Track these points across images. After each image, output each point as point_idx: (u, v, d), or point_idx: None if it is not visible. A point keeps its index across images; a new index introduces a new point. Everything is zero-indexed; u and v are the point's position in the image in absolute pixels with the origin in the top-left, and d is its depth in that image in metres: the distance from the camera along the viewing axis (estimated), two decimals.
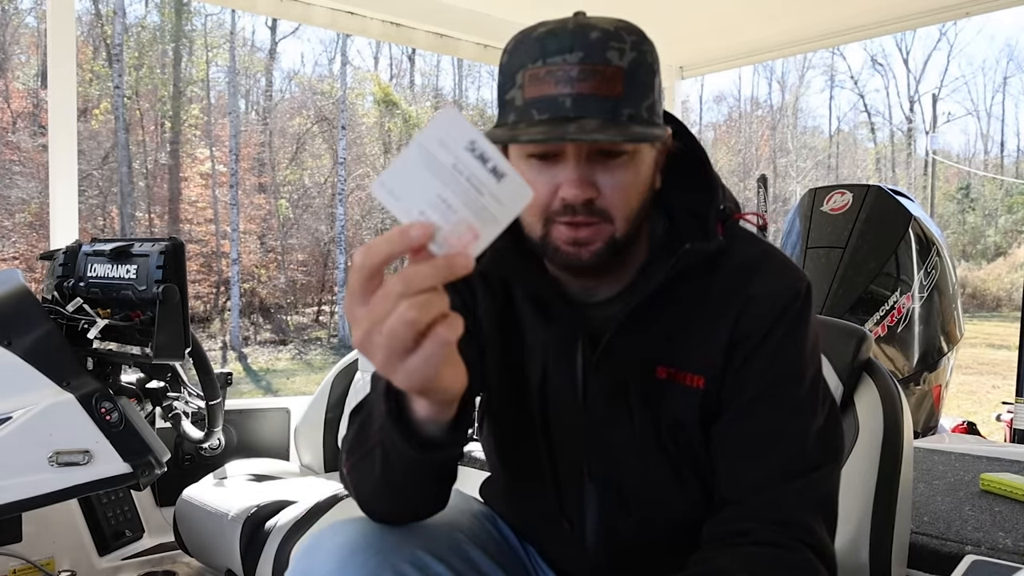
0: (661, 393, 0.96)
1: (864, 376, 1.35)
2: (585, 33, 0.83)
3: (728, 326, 0.93)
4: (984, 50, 43.21)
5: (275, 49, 21.46)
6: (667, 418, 0.96)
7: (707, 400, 0.94)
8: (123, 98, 16.89)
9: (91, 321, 1.86)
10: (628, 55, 0.83)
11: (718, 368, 0.94)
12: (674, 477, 0.98)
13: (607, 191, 0.87)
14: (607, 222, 0.88)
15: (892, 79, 38.28)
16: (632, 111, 0.83)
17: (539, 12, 1.01)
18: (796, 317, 0.93)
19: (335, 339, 17.33)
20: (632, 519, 1.01)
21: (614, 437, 0.98)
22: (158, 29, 19.06)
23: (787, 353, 0.93)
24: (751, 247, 0.98)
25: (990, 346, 14.32)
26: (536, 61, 0.84)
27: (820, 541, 0.90)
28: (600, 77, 0.82)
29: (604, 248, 0.89)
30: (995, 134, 32.58)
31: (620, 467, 0.99)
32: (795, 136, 28.77)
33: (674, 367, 0.95)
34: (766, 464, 0.91)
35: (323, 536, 0.90)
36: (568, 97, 0.82)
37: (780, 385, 0.93)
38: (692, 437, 0.96)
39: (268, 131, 19.80)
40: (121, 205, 16.82)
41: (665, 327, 0.95)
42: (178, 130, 18.48)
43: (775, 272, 0.95)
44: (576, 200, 0.86)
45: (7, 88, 16.58)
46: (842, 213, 3.11)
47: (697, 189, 0.98)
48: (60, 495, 1.66)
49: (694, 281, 0.94)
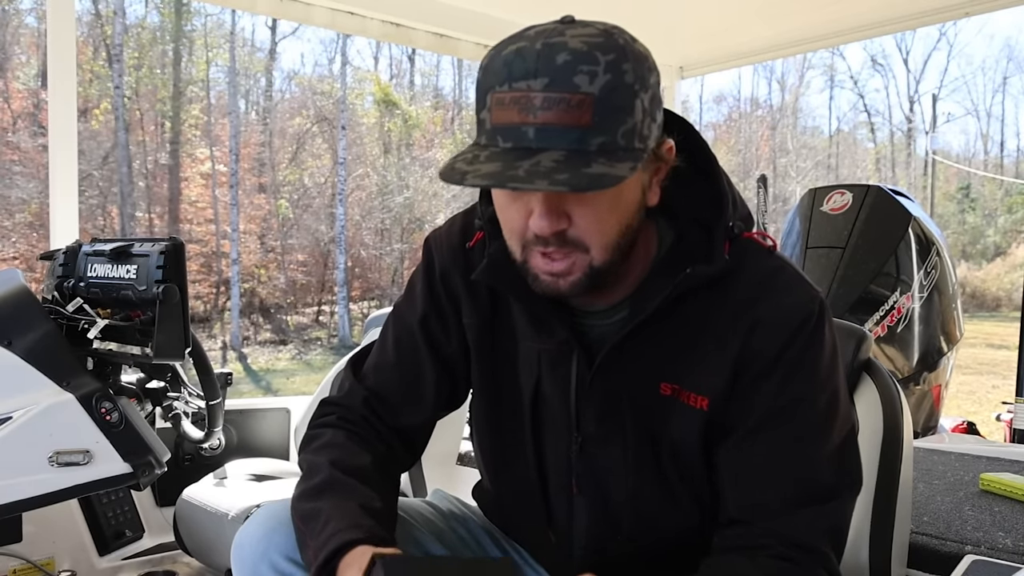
0: (662, 411, 0.93)
1: (864, 376, 1.34)
2: (552, 56, 0.76)
3: (735, 347, 0.90)
4: (984, 50, 43.13)
5: (275, 49, 21.45)
6: (666, 437, 0.93)
7: (710, 421, 0.92)
8: (123, 98, 16.89)
9: (91, 321, 1.86)
10: (600, 79, 0.76)
11: (723, 389, 0.91)
12: (668, 497, 0.96)
13: (580, 221, 0.83)
14: (582, 252, 0.84)
15: (892, 79, 38.26)
16: (604, 139, 0.77)
17: (539, 12, 1.00)
18: (809, 338, 0.89)
19: (335, 339, 17.32)
20: (621, 536, 0.99)
21: (605, 455, 0.96)
22: (158, 29, 19.05)
23: (798, 375, 0.90)
24: (762, 263, 0.93)
25: (990, 346, 14.31)
26: (503, 84, 0.78)
27: (833, 568, 0.89)
28: (565, 106, 0.75)
29: (582, 278, 0.86)
30: (995, 134, 32.58)
31: (610, 485, 0.97)
32: (795, 136, 28.76)
33: (678, 384, 0.92)
34: (777, 489, 0.89)
35: (260, 510, 0.97)
36: (531, 127, 0.77)
37: (791, 408, 0.90)
38: (692, 458, 0.94)
39: (268, 131, 19.79)
40: (121, 205, 16.82)
41: (668, 344, 0.92)
42: (178, 130, 18.48)
43: (786, 290, 0.91)
44: (544, 233, 0.83)
45: (7, 88, 16.58)
46: (842, 213, 3.11)
47: (705, 192, 0.93)
48: (60, 495, 1.66)
49: (700, 298, 0.91)
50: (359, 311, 18.38)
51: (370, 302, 18.73)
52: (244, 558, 0.94)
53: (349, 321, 17.66)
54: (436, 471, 2.18)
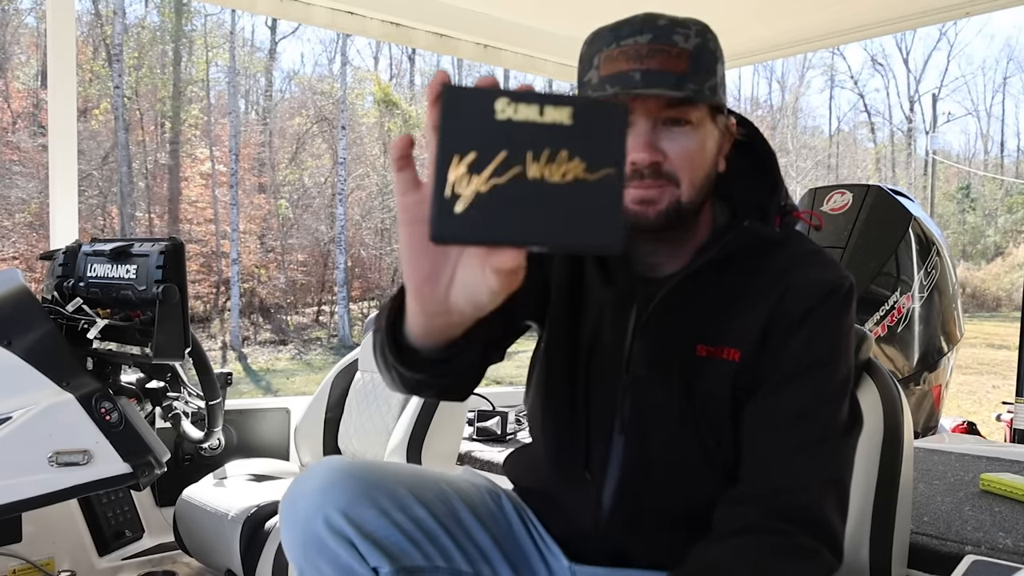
0: (699, 369, 0.99)
1: (864, 376, 1.35)
2: (654, 20, 0.93)
3: (768, 306, 0.97)
4: (984, 50, 43.22)
5: (275, 49, 21.47)
6: (701, 391, 0.99)
7: (741, 374, 0.97)
8: (123, 98, 16.90)
9: (91, 321, 1.86)
10: (693, 40, 0.92)
11: (755, 343, 0.97)
12: (700, 451, 1.00)
13: (673, 155, 0.94)
14: (673, 184, 0.95)
15: (892, 79, 38.33)
16: (696, 87, 0.91)
17: (539, 12, 1.03)
18: (836, 307, 0.97)
19: (335, 339, 17.32)
20: (653, 482, 1.02)
21: (649, 398, 1.02)
22: (158, 29, 19.06)
23: (821, 339, 0.96)
24: (805, 244, 1.03)
25: (990, 346, 14.33)
26: (611, 44, 0.93)
27: (822, 520, 0.91)
28: (666, 55, 0.91)
29: (669, 209, 0.95)
30: (995, 134, 32.59)
31: (649, 427, 1.02)
32: (795, 136, 28.77)
33: (714, 344, 0.99)
34: (781, 438, 0.94)
35: (312, 467, 0.97)
36: (638, 71, 0.91)
37: (813, 370, 0.96)
38: (721, 409, 0.98)
39: (268, 131, 19.80)
40: (121, 205, 16.82)
41: (711, 303, 1.00)
42: (178, 130, 18.48)
43: (822, 265, 1.00)
44: (643, 163, 0.93)
45: (7, 88, 16.58)
46: (842, 213, 3.11)
47: (760, 185, 1.05)
48: (60, 495, 1.66)
49: (746, 266, 1.00)
50: (359, 311, 18.39)
51: (370, 302, 18.74)
52: (297, 512, 0.93)
53: (349, 321, 17.67)
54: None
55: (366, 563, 0.91)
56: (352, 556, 0.91)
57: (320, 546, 0.91)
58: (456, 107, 0.59)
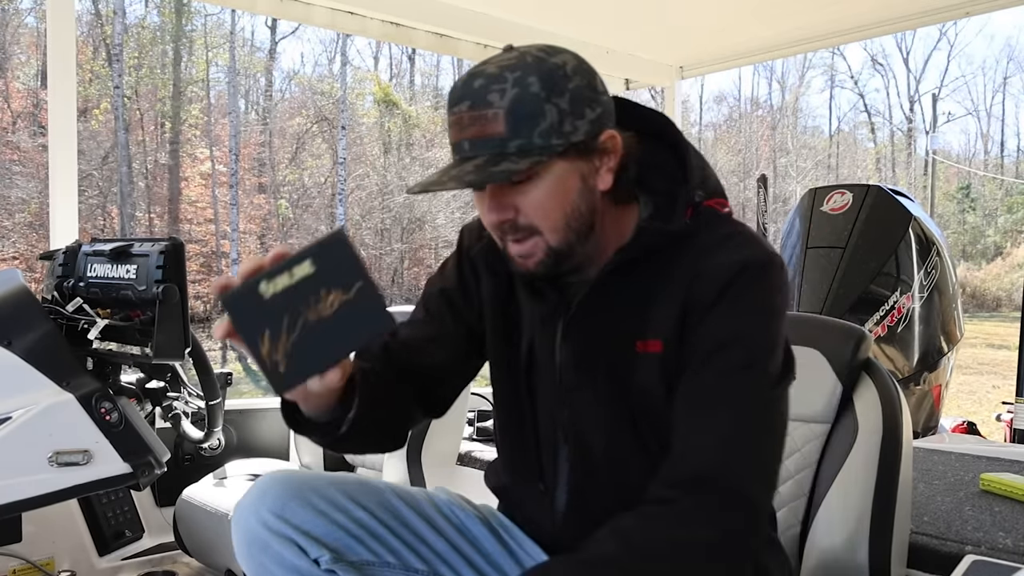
0: (632, 364, 1.01)
1: (864, 376, 1.35)
2: (472, 82, 0.93)
3: (682, 294, 0.99)
4: (984, 50, 43.24)
5: (275, 49, 21.48)
6: (635, 387, 1.01)
7: (666, 364, 0.99)
8: (123, 98, 16.90)
9: (91, 321, 1.86)
10: (510, 93, 0.91)
11: (673, 333, 0.99)
12: (639, 445, 1.03)
13: (524, 209, 0.96)
14: (536, 235, 0.97)
15: (892, 79, 38.37)
16: (522, 142, 0.91)
17: (539, 12, 1.02)
18: (749, 283, 0.97)
19: None
20: (599, 483, 1.06)
21: (582, 402, 1.06)
22: (158, 29, 19.07)
23: (736, 315, 0.96)
24: (718, 230, 1.02)
25: (990, 346, 14.32)
26: (448, 110, 0.96)
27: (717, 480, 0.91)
28: (483, 121, 0.92)
29: (546, 258, 0.98)
30: (995, 134, 32.61)
31: (588, 431, 1.06)
32: (795, 136, 28.77)
33: (639, 339, 1.01)
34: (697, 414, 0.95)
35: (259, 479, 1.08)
36: (466, 140, 0.93)
37: (730, 345, 0.96)
38: (655, 402, 1.00)
39: (268, 131, 19.81)
40: (121, 205, 16.83)
41: (631, 300, 1.02)
42: (178, 130, 18.50)
43: (735, 247, 0.99)
44: (493, 225, 0.98)
45: (7, 88, 16.59)
46: (842, 213, 3.11)
47: (676, 174, 1.04)
48: (60, 495, 1.66)
49: (663, 258, 1.01)
50: None
51: None
52: (238, 519, 1.05)
53: None
54: (436, 471, 2.19)
55: (306, 556, 1.01)
56: (291, 551, 1.01)
57: (263, 545, 1.02)
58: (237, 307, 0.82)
